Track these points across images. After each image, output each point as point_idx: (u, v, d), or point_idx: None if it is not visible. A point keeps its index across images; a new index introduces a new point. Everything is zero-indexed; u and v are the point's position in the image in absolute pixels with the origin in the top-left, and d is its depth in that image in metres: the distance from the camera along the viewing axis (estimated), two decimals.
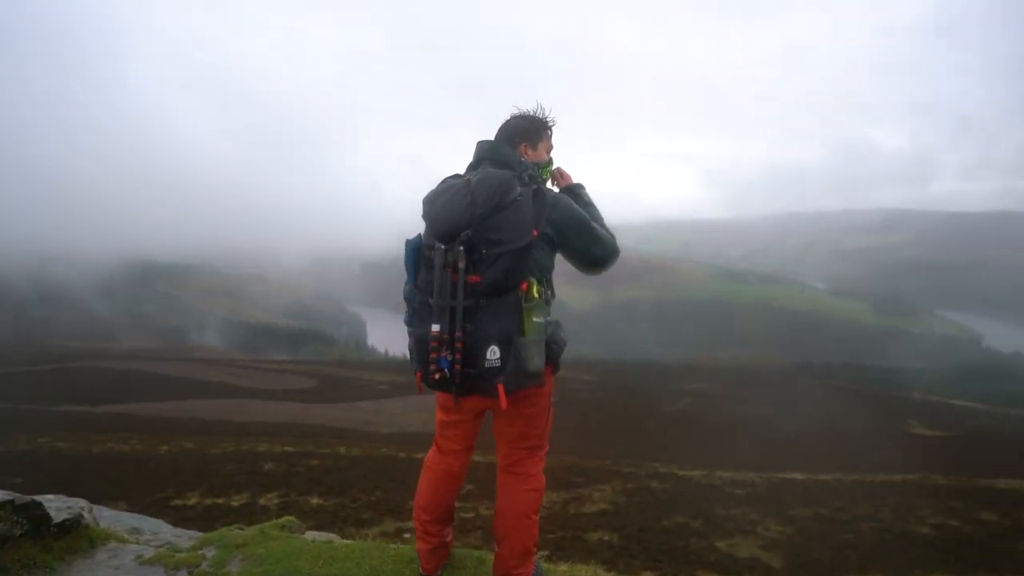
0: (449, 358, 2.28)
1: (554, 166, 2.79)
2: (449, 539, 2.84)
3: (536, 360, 2.32)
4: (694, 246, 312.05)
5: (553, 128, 2.75)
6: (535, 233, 2.34)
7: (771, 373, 76.90)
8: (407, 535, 12.98)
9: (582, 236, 2.51)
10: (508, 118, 2.69)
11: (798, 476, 21.81)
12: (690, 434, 34.92)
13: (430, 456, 2.79)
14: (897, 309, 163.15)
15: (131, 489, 15.90)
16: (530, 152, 2.66)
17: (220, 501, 15.42)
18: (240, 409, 35.72)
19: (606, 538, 14.11)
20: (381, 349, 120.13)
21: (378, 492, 16.73)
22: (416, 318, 2.43)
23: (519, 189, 2.37)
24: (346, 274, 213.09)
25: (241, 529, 3.16)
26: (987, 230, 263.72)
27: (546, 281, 2.50)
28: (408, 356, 2.53)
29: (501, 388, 2.26)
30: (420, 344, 2.37)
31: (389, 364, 74.23)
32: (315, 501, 15.71)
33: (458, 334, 2.27)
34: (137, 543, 3.04)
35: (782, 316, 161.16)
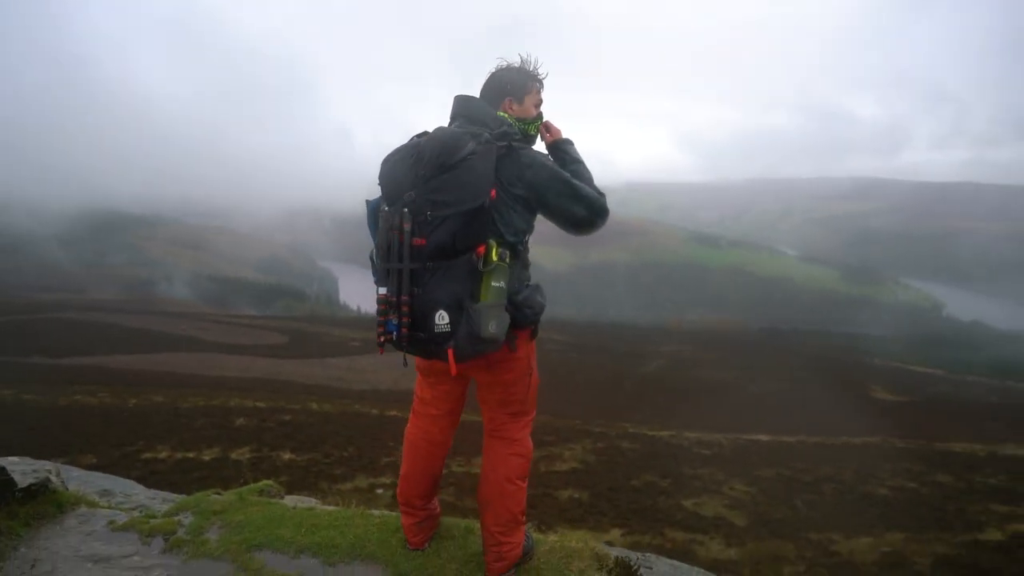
0: (396, 321, 2.22)
1: (543, 120, 2.65)
2: (437, 511, 2.77)
3: (491, 326, 2.18)
4: (669, 209, 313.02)
5: (542, 81, 2.59)
6: (493, 194, 2.22)
7: (740, 337, 78.49)
8: (379, 490, 13.08)
9: (562, 196, 2.35)
10: (494, 70, 2.53)
11: (763, 438, 22.43)
12: (660, 396, 35.60)
13: (408, 427, 2.71)
14: (865, 277, 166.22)
15: (100, 442, 15.72)
16: (515, 107, 2.52)
17: (191, 455, 15.33)
18: (211, 363, 35.43)
19: (576, 496, 14.37)
20: (353, 306, 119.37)
21: (351, 448, 16.80)
22: (377, 279, 2.35)
23: (471, 147, 2.24)
24: (317, 228, 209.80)
25: (219, 494, 3.07)
26: (956, 201, 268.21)
27: (522, 244, 2.38)
28: None
29: (451, 353, 2.18)
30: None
31: (360, 321, 73.97)
32: (287, 456, 15.71)
33: (404, 298, 2.21)
34: (109, 507, 2.94)
35: (753, 281, 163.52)
